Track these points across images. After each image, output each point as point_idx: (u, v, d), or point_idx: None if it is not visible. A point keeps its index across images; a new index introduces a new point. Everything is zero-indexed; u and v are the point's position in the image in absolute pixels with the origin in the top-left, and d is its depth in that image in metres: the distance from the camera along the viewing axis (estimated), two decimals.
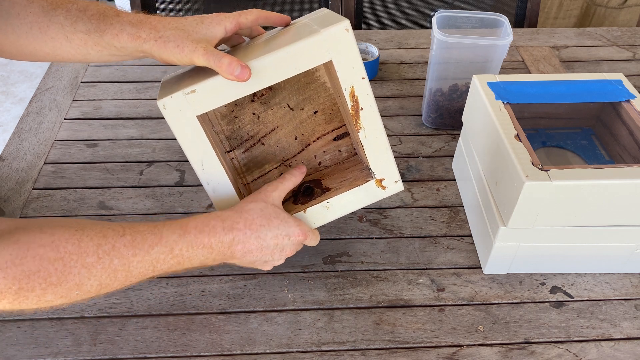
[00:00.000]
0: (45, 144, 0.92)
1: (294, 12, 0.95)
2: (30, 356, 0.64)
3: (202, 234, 0.56)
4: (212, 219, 0.57)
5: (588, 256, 0.71)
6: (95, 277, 0.51)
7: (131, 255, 0.52)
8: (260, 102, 0.67)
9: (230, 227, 0.57)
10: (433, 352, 0.65)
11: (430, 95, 0.94)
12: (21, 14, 0.60)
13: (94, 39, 0.59)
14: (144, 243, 0.53)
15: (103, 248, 0.51)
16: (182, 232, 0.55)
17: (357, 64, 0.58)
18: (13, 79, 2.44)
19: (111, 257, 0.51)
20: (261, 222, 0.59)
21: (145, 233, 0.54)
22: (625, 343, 0.66)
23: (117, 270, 0.52)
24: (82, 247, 0.50)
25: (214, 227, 0.57)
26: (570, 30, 1.23)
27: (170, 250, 0.54)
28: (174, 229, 0.55)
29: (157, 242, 0.54)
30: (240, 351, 0.64)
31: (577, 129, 0.83)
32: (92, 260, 0.50)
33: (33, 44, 0.61)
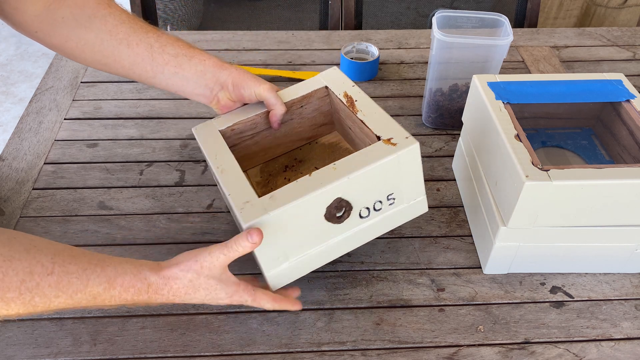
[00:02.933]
0: (45, 144, 0.92)
1: (294, 12, 0.96)
2: (30, 356, 0.64)
3: (126, 293, 0.56)
4: (139, 280, 0.57)
5: (588, 256, 0.71)
6: (13, 309, 0.51)
7: (53, 297, 0.53)
8: (292, 170, 0.77)
9: (154, 292, 0.57)
10: (433, 352, 0.65)
11: (430, 95, 0.94)
12: (112, 31, 0.69)
13: (179, 61, 0.70)
14: (69, 288, 0.53)
15: (26, 285, 0.51)
16: (108, 287, 0.55)
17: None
18: (13, 79, 2.44)
19: (32, 295, 0.51)
20: (187, 291, 0.58)
21: (72, 277, 0.53)
22: (625, 343, 0.66)
23: (36, 305, 0.52)
24: (5, 282, 0.50)
25: (139, 290, 0.57)
26: (570, 30, 1.24)
27: (93, 298, 0.55)
28: (101, 280, 0.55)
29: (81, 289, 0.54)
30: (240, 351, 0.64)
31: (577, 129, 0.83)
32: (13, 295, 0.50)
33: (115, 56, 0.70)
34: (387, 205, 0.66)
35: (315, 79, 0.76)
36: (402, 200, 0.67)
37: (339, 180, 0.60)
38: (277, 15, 1.49)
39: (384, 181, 0.64)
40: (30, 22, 0.68)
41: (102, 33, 0.69)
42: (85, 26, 0.68)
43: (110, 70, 0.72)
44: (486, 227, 0.72)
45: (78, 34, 0.69)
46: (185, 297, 0.59)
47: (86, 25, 0.68)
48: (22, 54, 2.58)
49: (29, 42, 2.63)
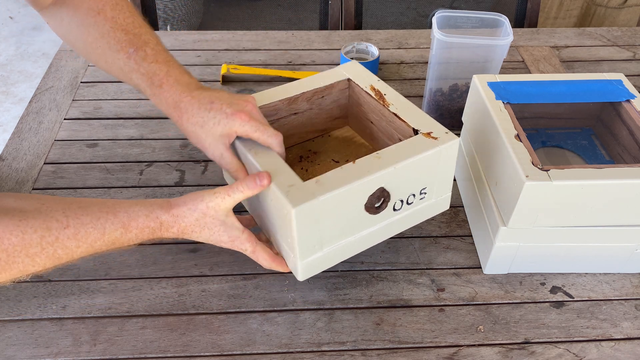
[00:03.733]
0: (45, 144, 0.92)
1: (294, 12, 0.95)
2: (30, 356, 0.64)
3: (142, 233, 0.59)
4: (152, 220, 0.59)
5: (588, 256, 0.71)
6: (38, 264, 0.53)
7: (75, 247, 0.55)
8: (308, 161, 0.76)
9: (166, 229, 0.60)
10: (433, 352, 0.65)
11: (430, 95, 0.94)
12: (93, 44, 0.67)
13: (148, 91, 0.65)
14: (87, 237, 0.56)
15: (46, 239, 0.53)
16: (124, 231, 0.58)
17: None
18: (13, 79, 2.44)
19: (55, 248, 0.54)
20: (193, 229, 0.60)
21: (88, 227, 0.56)
22: (625, 343, 0.66)
23: (60, 257, 0.55)
24: (25, 240, 0.52)
25: (153, 229, 0.59)
26: (570, 30, 1.24)
27: (111, 243, 0.58)
28: (117, 226, 0.57)
29: (99, 237, 0.56)
30: (240, 351, 0.64)
31: (577, 129, 0.83)
32: (36, 250, 0.53)
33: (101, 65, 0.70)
34: (419, 200, 0.66)
35: (336, 71, 0.75)
36: (432, 195, 0.67)
37: (385, 170, 0.60)
38: (277, 15, 1.49)
39: (423, 174, 0.64)
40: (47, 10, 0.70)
41: (87, 43, 0.69)
42: (76, 32, 0.69)
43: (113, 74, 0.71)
44: (486, 227, 0.72)
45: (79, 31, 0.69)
46: (191, 234, 0.61)
47: (77, 31, 0.69)
48: (22, 54, 2.58)
49: (29, 42, 2.63)
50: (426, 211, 0.69)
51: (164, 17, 1.86)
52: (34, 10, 0.71)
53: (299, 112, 0.75)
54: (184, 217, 0.60)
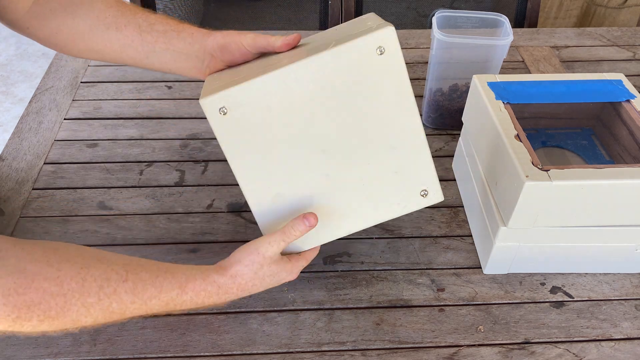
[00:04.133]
0: (45, 144, 0.92)
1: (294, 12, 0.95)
2: (30, 356, 0.63)
3: (197, 297, 0.59)
4: (209, 284, 0.60)
5: (588, 256, 0.71)
6: (92, 315, 0.52)
7: (129, 302, 0.55)
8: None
9: (224, 292, 0.61)
10: (433, 352, 0.65)
11: (430, 95, 0.94)
12: (100, 16, 0.68)
13: (168, 37, 0.68)
14: (144, 293, 0.55)
15: (105, 291, 0.52)
16: (180, 292, 0.58)
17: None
18: (13, 79, 2.44)
19: (111, 301, 0.53)
20: (254, 283, 0.62)
21: (146, 283, 0.56)
22: (625, 343, 0.66)
23: (113, 312, 0.54)
24: (85, 287, 0.51)
25: (210, 293, 0.60)
26: (570, 30, 1.23)
27: (165, 304, 0.57)
28: (174, 286, 0.57)
29: (155, 295, 0.56)
30: (240, 351, 0.64)
31: (577, 129, 0.83)
32: (93, 300, 0.52)
33: (105, 42, 0.69)
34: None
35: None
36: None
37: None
38: (277, 15, 1.49)
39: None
40: (22, 19, 0.69)
41: (91, 19, 0.68)
42: (74, 15, 0.69)
43: (103, 58, 0.72)
44: (486, 227, 0.72)
45: (68, 24, 0.69)
46: (252, 289, 0.62)
47: (75, 14, 0.68)
48: (22, 54, 2.58)
49: (29, 42, 2.63)
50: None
51: None
52: None
53: None
54: (243, 275, 0.61)
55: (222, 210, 0.82)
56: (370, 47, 0.56)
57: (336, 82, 0.58)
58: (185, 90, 1.04)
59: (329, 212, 0.64)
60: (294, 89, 0.58)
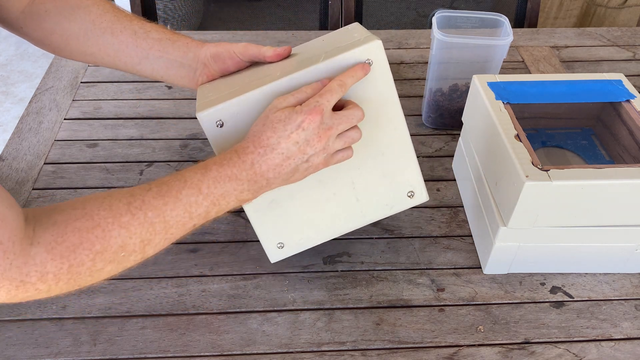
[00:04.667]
0: (45, 144, 0.92)
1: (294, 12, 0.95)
2: (30, 356, 0.64)
3: (222, 167, 0.56)
4: (227, 152, 0.57)
5: (588, 256, 0.71)
6: (135, 234, 0.52)
7: (162, 205, 0.53)
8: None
9: (243, 152, 0.57)
10: (433, 352, 0.65)
11: (430, 95, 0.94)
12: (96, 20, 0.69)
13: (163, 45, 0.69)
14: (171, 190, 0.54)
15: (134, 205, 0.52)
16: (204, 171, 0.56)
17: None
18: (13, 79, 2.44)
19: (144, 211, 0.53)
20: (267, 134, 0.56)
21: (169, 182, 0.55)
22: (625, 343, 0.66)
23: (153, 222, 0.53)
24: (114, 210, 0.51)
25: (231, 159, 0.56)
26: (570, 30, 1.23)
27: (198, 191, 0.55)
28: (196, 170, 0.56)
29: (182, 186, 0.55)
30: (240, 351, 0.64)
31: (577, 129, 0.83)
32: (127, 218, 0.52)
33: (99, 46, 0.70)
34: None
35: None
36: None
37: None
38: (277, 15, 1.49)
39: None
40: (16, 19, 0.69)
41: (86, 23, 0.69)
42: (69, 18, 0.69)
43: (96, 61, 0.72)
44: (486, 227, 0.72)
45: (62, 26, 0.69)
46: (269, 141, 0.56)
47: (70, 17, 0.69)
48: (22, 54, 2.58)
49: (29, 43, 2.63)
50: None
51: (164, 17, 1.86)
52: None
53: None
54: (254, 131, 0.57)
55: None
56: (358, 60, 0.58)
57: None
58: (185, 90, 1.04)
59: (321, 215, 0.67)
60: None
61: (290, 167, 0.57)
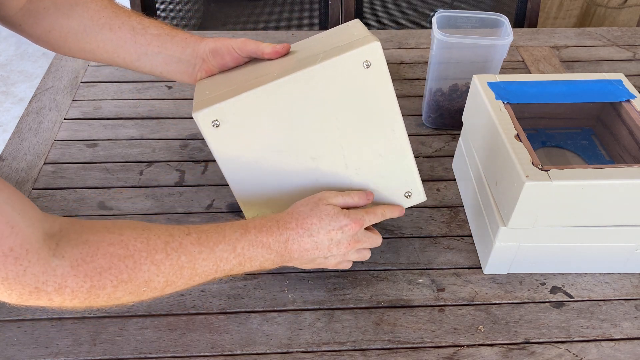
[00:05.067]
0: (45, 144, 0.92)
1: (294, 12, 0.95)
2: (30, 356, 0.64)
3: (261, 233, 0.58)
4: (268, 220, 0.60)
5: (588, 256, 0.71)
6: (163, 273, 0.52)
7: (197, 253, 0.54)
8: None
9: (284, 226, 0.59)
10: (433, 352, 0.65)
11: (430, 95, 0.94)
12: (94, 17, 0.69)
13: (162, 40, 0.69)
14: (209, 241, 0.55)
15: (171, 245, 0.53)
16: (243, 231, 0.58)
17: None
18: (13, 79, 2.44)
19: (179, 254, 0.53)
20: (312, 220, 0.60)
21: (209, 232, 0.56)
22: (625, 343, 0.66)
23: (183, 267, 0.54)
24: (150, 245, 0.52)
25: (270, 227, 0.59)
26: (570, 30, 1.23)
27: (233, 248, 0.57)
28: (235, 228, 0.58)
29: (220, 240, 0.56)
30: (240, 351, 0.64)
31: (577, 129, 0.83)
32: (161, 257, 0.52)
33: (98, 42, 0.70)
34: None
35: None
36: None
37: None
38: (277, 15, 1.49)
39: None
40: (14, 16, 0.69)
41: (85, 19, 0.69)
42: (68, 14, 0.69)
43: (95, 58, 0.72)
44: (486, 227, 0.72)
45: (61, 22, 0.69)
46: (311, 227, 0.60)
47: (68, 13, 0.69)
48: (22, 54, 2.58)
49: (29, 42, 2.63)
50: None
51: (164, 17, 1.86)
52: None
53: None
54: (300, 211, 0.60)
55: (222, 210, 0.82)
56: (356, 61, 0.59)
57: (324, 94, 0.60)
58: (185, 90, 1.04)
59: None
60: (284, 101, 0.59)
61: (313, 256, 0.61)
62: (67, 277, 0.47)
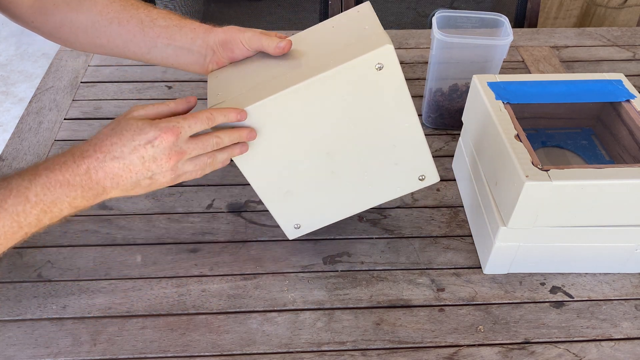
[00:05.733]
0: (45, 144, 0.92)
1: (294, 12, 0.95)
2: (30, 356, 0.64)
3: (53, 172, 0.52)
4: (62, 155, 0.54)
5: (588, 256, 0.71)
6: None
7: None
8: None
9: (80, 156, 0.53)
10: (433, 352, 0.65)
11: (430, 95, 0.94)
12: (102, 11, 0.69)
13: (170, 32, 0.68)
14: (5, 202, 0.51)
15: None
16: (33, 177, 0.52)
17: None
18: (13, 79, 2.44)
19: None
20: (112, 140, 0.54)
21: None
22: (625, 343, 0.66)
23: None
24: None
25: (65, 162, 0.53)
26: (570, 30, 1.23)
27: (26, 199, 0.51)
28: (24, 175, 0.52)
29: (7, 194, 0.51)
30: (240, 351, 0.64)
31: (577, 129, 0.83)
32: None
33: (107, 36, 0.70)
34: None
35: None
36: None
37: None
38: (277, 15, 1.49)
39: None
40: (25, 13, 0.70)
41: (93, 14, 0.69)
42: (77, 10, 0.69)
43: (106, 52, 0.72)
44: (486, 227, 0.72)
45: (70, 18, 0.70)
46: (112, 148, 0.53)
47: (77, 8, 0.69)
48: (22, 54, 2.58)
49: (29, 42, 2.63)
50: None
51: None
52: None
53: None
54: (99, 135, 0.55)
55: (222, 210, 0.82)
56: (369, 64, 0.59)
57: (339, 96, 0.61)
58: (186, 90, 1.04)
59: (334, 199, 0.70)
60: (299, 105, 0.60)
61: (130, 179, 0.55)
62: None
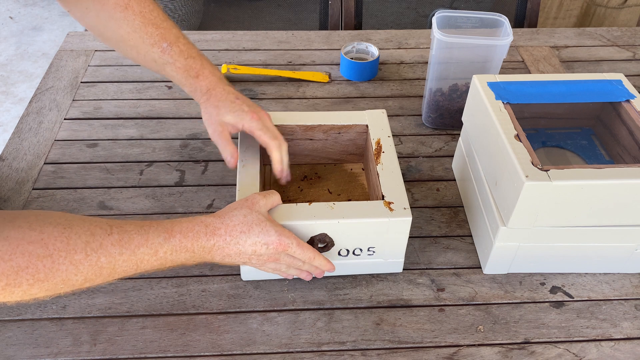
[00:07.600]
0: (45, 144, 0.92)
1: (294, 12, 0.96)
2: (30, 356, 0.64)
3: (186, 238, 0.58)
4: (196, 224, 0.59)
5: (588, 256, 0.71)
6: (81, 273, 0.52)
7: (117, 254, 0.54)
8: (308, 182, 0.82)
9: (212, 232, 0.59)
10: (433, 352, 0.65)
11: (430, 95, 0.94)
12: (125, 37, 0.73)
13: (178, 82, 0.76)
14: (131, 243, 0.55)
15: (91, 245, 0.52)
16: (167, 236, 0.57)
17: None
18: (13, 79, 2.44)
19: (98, 255, 0.53)
20: (242, 229, 0.60)
21: (132, 233, 0.55)
22: (625, 343, 0.66)
23: (102, 267, 0.53)
24: (70, 245, 0.51)
25: (198, 233, 0.59)
26: (570, 30, 1.24)
27: (154, 252, 0.56)
28: (160, 232, 0.57)
29: (143, 243, 0.55)
30: (240, 351, 0.65)
31: (577, 129, 0.83)
32: (80, 257, 0.52)
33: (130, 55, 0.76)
34: (366, 255, 0.69)
35: (361, 115, 0.80)
36: (381, 255, 0.70)
37: (330, 220, 0.65)
38: (277, 15, 1.49)
39: (369, 236, 0.67)
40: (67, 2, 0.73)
41: (117, 35, 0.73)
42: (105, 25, 0.73)
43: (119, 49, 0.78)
44: (486, 227, 0.72)
45: (99, 28, 0.74)
46: (240, 236, 0.60)
47: (105, 24, 0.73)
48: (22, 54, 2.58)
49: (29, 42, 2.63)
50: (376, 266, 0.72)
51: None
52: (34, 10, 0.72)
53: (315, 139, 0.80)
54: (231, 216, 0.61)
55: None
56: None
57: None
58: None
59: None
60: None
61: (234, 260, 0.62)
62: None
